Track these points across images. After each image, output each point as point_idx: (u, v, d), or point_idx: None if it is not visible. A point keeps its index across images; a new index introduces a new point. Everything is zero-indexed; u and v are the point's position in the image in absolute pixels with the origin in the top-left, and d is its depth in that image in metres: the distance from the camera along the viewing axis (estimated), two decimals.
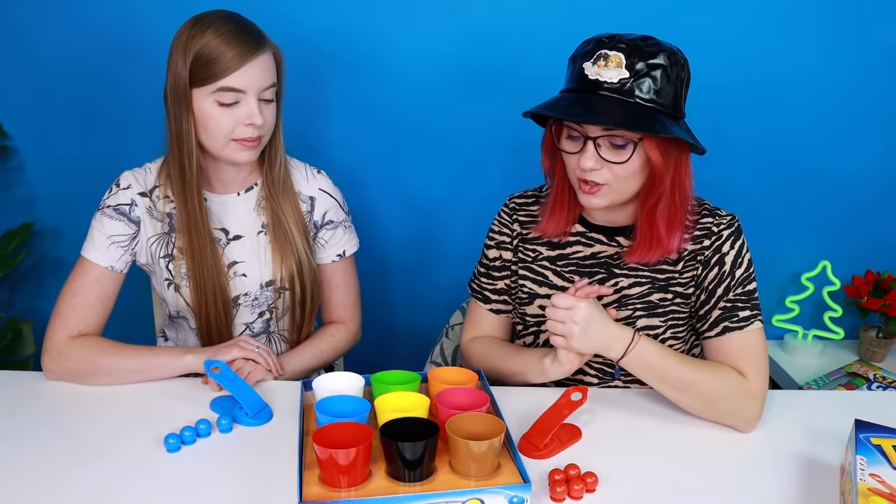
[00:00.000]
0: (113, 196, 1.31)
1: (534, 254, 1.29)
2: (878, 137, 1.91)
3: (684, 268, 1.20)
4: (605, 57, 1.06)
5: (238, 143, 1.24)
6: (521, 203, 1.33)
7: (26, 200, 1.89)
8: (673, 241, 1.17)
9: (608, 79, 1.06)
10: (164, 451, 1.05)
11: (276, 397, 1.21)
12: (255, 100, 1.22)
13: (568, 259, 1.26)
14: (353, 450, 0.87)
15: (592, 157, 1.09)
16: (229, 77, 1.19)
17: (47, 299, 1.98)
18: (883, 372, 1.90)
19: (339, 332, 1.46)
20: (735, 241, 1.19)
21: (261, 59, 1.21)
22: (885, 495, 0.87)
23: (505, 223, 1.32)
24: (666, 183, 1.12)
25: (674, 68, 1.07)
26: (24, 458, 1.03)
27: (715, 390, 1.12)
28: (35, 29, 1.74)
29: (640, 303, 1.22)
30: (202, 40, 1.19)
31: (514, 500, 0.88)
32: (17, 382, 1.25)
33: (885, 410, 1.21)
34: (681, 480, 1.02)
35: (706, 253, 1.19)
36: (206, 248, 1.29)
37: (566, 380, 1.27)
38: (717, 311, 1.17)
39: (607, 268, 1.24)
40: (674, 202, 1.14)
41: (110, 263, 1.29)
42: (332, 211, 1.42)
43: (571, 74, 1.12)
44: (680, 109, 1.11)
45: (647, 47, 1.06)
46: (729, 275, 1.18)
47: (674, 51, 1.09)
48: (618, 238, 1.23)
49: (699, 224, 1.19)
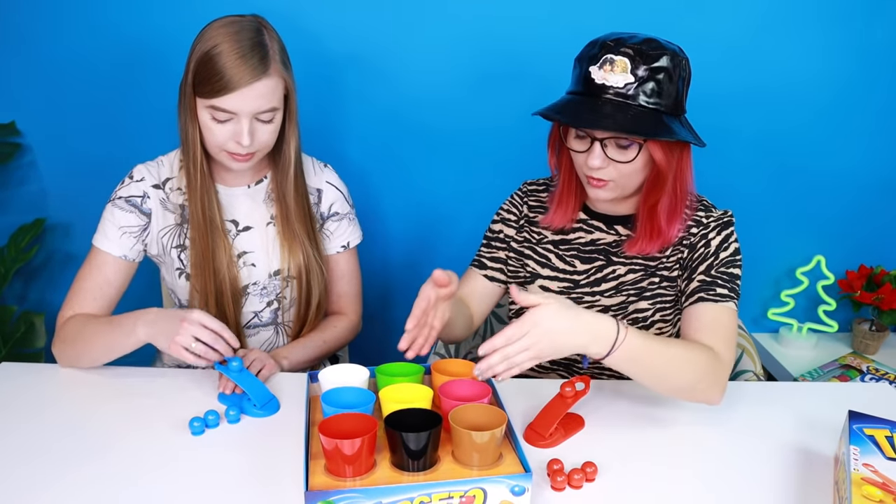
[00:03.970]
0: (125, 188, 1.33)
1: (539, 236, 1.33)
2: (871, 136, 1.92)
3: (672, 252, 1.24)
4: (611, 62, 1.09)
5: (229, 155, 1.25)
6: (533, 189, 1.37)
7: (39, 197, 1.91)
8: (672, 232, 1.21)
9: (614, 83, 1.09)
10: (175, 440, 1.06)
11: (283, 389, 1.22)
12: (248, 121, 1.21)
13: (570, 244, 1.30)
14: (358, 440, 0.88)
15: (599, 157, 1.13)
16: (223, 98, 1.18)
17: (59, 293, 1.99)
18: (876, 364, 1.92)
19: (341, 323, 1.48)
20: (722, 230, 1.22)
21: (258, 86, 1.19)
22: (877, 484, 0.88)
23: (515, 203, 1.37)
24: (669, 179, 1.16)
25: (676, 69, 1.11)
26: (37, 446, 1.04)
27: (694, 373, 1.08)
28: (47, 29, 1.75)
29: (634, 288, 1.26)
30: (213, 48, 1.18)
31: (516, 490, 0.89)
32: (30, 374, 1.26)
33: (877, 402, 1.23)
34: (678, 470, 1.03)
35: (692, 238, 1.22)
36: (216, 238, 1.32)
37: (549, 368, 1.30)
38: (695, 283, 1.20)
39: (606, 255, 1.27)
40: (675, 196, 1.19)
41: (122, 252, 1.32)
42: (338, 203, 1.44)
43: (577, 77, 1.14)
44: (681, 107, 1.14)
45: (650, 51, 1.09)
46: (713, 255, 1.20)
47: (676, 52, 1.12)
48: (616, 227, 1.27)
49: (693, 216, 1.24)
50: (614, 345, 1.01)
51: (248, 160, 1.26)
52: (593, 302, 1.28)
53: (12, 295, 1.99)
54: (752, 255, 2.02)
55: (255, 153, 1.27)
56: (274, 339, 1.45)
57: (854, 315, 2.10)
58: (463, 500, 0.87)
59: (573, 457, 1.04)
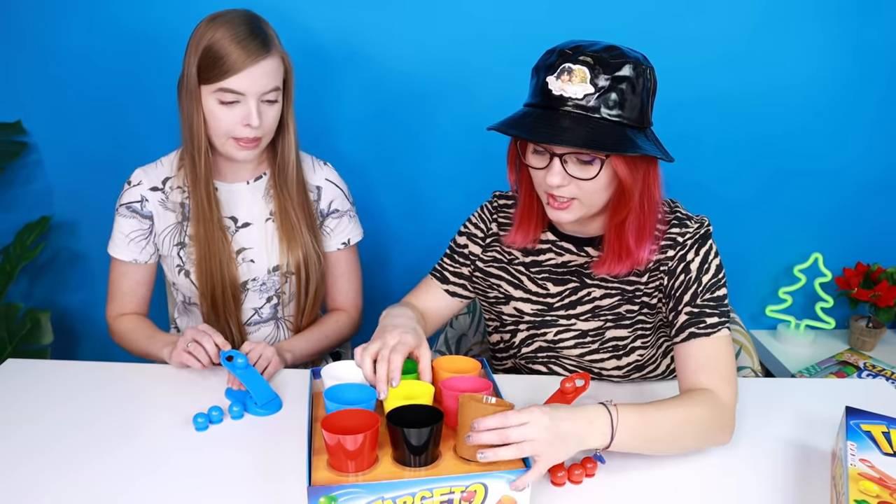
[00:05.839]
0: (125, 194, 1.36)
1: (509, 256, 1.27)
2: (869, 134, 1.93)
3: (650, 279, 1.17)
4: (569, 71, 1.01)
5: (236, 142, 1.26)
6: (503, 204, 1.30)
7: (45, 195, 1.92)
8: (642, 253, 1.13)
9: (573, 94, 1.00)
10: (179, 436, 1.07)
11: (286, 385, 1.23)
12: (255, 102, 1.23)
13: (541, 266, 1.24)
14: (360, 436, 0.88)
15: (559, 174, 1.05)
16: (230, 79, 1.21)
17: (64, 290, 2.01)
18: (873, 360, 1.93)
19: (342, 319, 1.49)
20: (700, 247, 1.14)
21: (263, 64, 1.22)
22: (874, 480, 0.89)
23: (484, 219, 1.31)
24: (635, 197, 1.08)
25: (640, 79, 1.02)
26: (43, 441, 1.05)
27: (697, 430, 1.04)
28: (52, 28, 1.75)
29: (611, 314, 1.20)
30: (212, 39, 1.21)
31: None
32: (35, 370, 1.27)
33: (874, 398, 1.24)
34: (677, 466, 1.04)
35: (670, 263, 1.14)
36: (215, 235, 1.33)
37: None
38: (683, 315, 1.12)
39: (579, 276, 1.22)
40: (643, 214, 1.11)
41: (133, 257, 1.38)
42: (338, 200, 1.45)
43: (535, 88, 1.06)
44: (646, 119, 1.06)
45: (611, 59, 1.01)
46: (695, 281, 1.13)
47: (639, 60, 1.03)
48: (587, 248, 1.21)
49: (666, 235, 1.15)
50: (612, 432, 0.96)
51: (254, 146, 1.27)
52: (569, 326, 1.23)
53: (18, 292, 2.00)
54: (749, 252, 2.04)
55: (261, 139, 1.28)
56: (275, 334, 1.46)
57: (851, 312, 2.11)
58: (464, 494, 0.88)
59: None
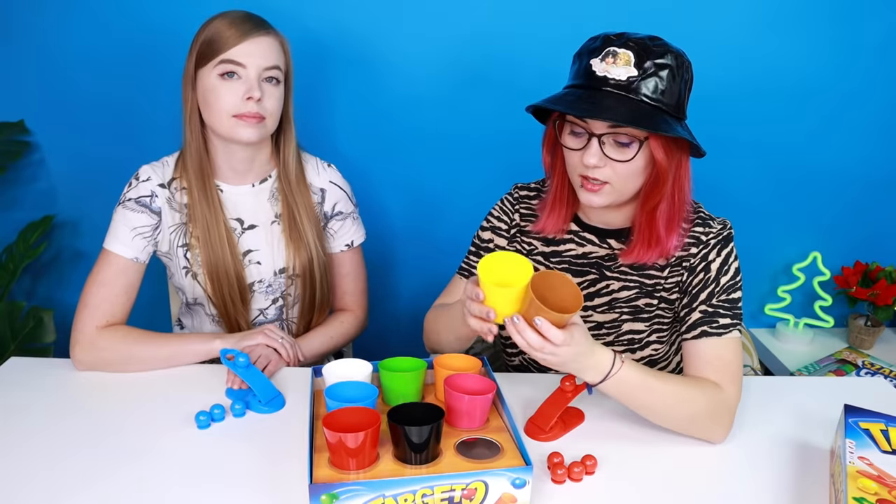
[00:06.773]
0: (133, 189, 1.33)
1: (529, 247, 1.29)
2: (867, 135, 1.93)
3: (670, 273, 1.19)
4: (614, 54, 1.04)
5: (240, 119, 1.25)
6: (524, 195, 1.31)
7: (47, 194, 1.92)
8: (671, 242, 1.16)
9: (616, 76, 1.04)
10: (181, 434, 1.07)
11: (288, 383, 1.23)
12: (256, 76, 1.24)
13: (561, 256, 1.26)
14: (361, 434, 0.88)
15: (596, 154, 1.07)
16: (230, 51, 1.23)
17: (67, 289, 2.01)
18: (871, 359, 1.94)
19: (347, 319, 1.50)
20: (722, 249, 1.17)
21: (262, 40, 1.24)
22: (873, 477, 0.89)
23: (506, 211, 1.31)
24: (668, 183, 1.11)
25: (680, 70, 1.06)
26: (44, 439, 1.05)
27: (690, 411, 1.07)
28: (56, 29, 1.76)
29: (628, 307, 1.22)
30: (209, 28, 1.24)
31: (517, 482, 0.90)
32: (38, 368, 1.27)
33: (873, 396, 1.24)
34: (676, 463, 1.05)
35: (692, 260, 1.17)
36: (221, 236, 1.33)
37: None
38: (697, 313, 1.14)
39: (598, 268, 1.23)
40: (674, 203, 1.13)
41: (135, 255, 1.32)
42: (342, 202, 1.45)
43: (577, 70, 1.09)
44: (682, 111, 1.10)
45: (655, 47, 1.05)
46: (714, 281, 1.15)
47: (680, 53, 1.08)
48: (609, 241, 1.22)
49: (691, 232, 1.18)
50: (607, 375, 1.03)
51: (258, 122, 1.26)
52: (585, 317, 1.24)
53: (21, 291, 2.01)
54: (749, 251, 2.03)
55: (265, 119, 1.27)
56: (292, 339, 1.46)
57: (850, 310, 2.11)
58: (465, 492, 0.88)
59: (573, 450, 1.05)
